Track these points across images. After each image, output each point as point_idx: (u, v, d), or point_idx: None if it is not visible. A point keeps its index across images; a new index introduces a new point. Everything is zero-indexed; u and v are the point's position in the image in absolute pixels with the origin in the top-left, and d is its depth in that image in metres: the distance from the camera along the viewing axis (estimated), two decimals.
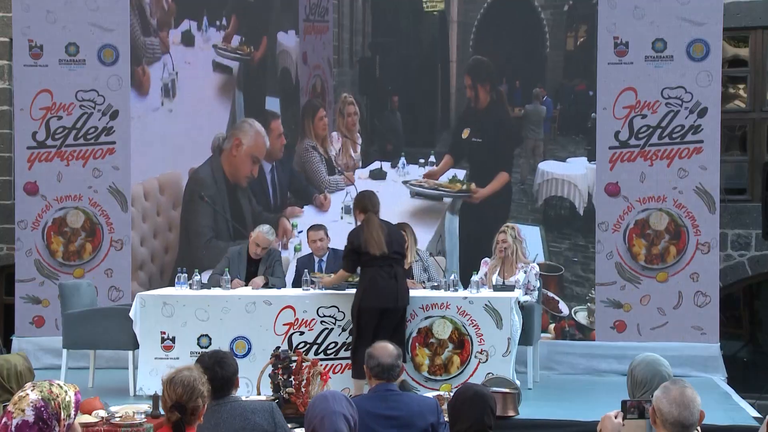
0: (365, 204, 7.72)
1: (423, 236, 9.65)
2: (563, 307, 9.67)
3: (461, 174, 10.05)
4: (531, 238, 9.69)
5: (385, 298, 7.52)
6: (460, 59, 10.27)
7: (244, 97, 10.36)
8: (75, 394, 4.09)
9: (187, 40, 10.29)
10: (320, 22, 10.34)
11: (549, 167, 9.91)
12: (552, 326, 9.65)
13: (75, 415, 4.07)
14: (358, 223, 7.78)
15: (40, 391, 4.01)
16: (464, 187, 9.99)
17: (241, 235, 9.80)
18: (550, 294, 9.67)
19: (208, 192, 10.13)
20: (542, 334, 9.39)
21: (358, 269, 7.76)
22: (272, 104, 10.39)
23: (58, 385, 4.07)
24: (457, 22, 10.32)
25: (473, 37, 10.20)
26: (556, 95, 9.94)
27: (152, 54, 10.26)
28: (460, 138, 10.07)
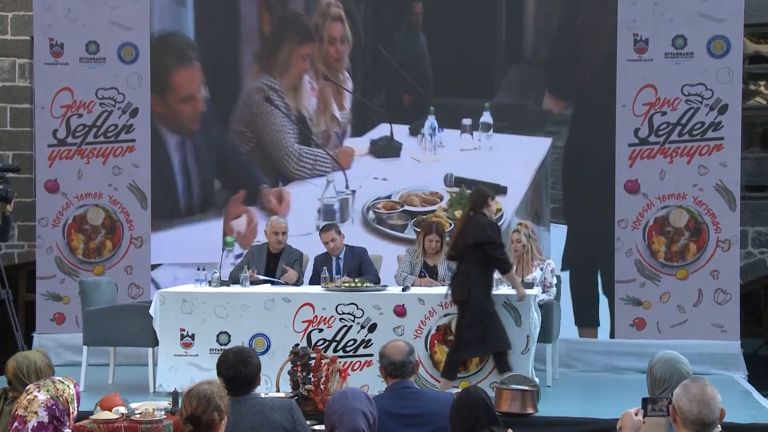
0: (470, 202, 7.51)
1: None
2: None
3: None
4: None
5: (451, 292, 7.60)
6: None
7: None
8: (74, 387, 4.16)
9: None
10: None
11: None
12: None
13: (78, 407, 4.14)
14: None
15: (47, 391, 4.07)
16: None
17: None
18: None
19: None
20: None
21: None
22: None
23: (60, 381, 4.14)
24: None
25: None
26: None
27: None
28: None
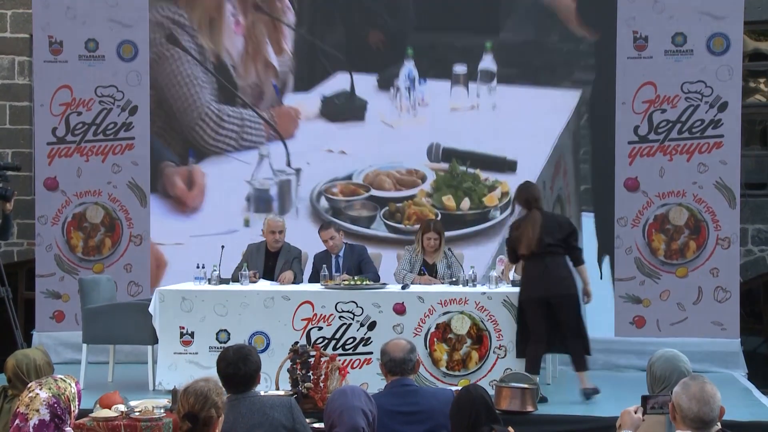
0: (527, 199, 7.35)
1: None
2: None
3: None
4: None
5: (533, 287, 7.47)
6: None
7: None
8: (75, 385, 4.18)
9: None
10: None
11: None
12: None
13: (79, 405, 4.16)
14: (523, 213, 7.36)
15: (49, 389, 4.09)
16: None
17: None
18: None
19: None
20: None
21: None
22: None
23: (61, 379, 4.16)
24: None
25: None
26: None
27: None
28: None
